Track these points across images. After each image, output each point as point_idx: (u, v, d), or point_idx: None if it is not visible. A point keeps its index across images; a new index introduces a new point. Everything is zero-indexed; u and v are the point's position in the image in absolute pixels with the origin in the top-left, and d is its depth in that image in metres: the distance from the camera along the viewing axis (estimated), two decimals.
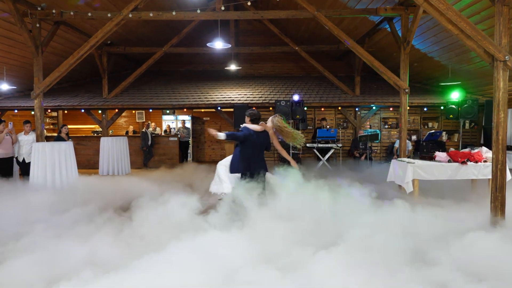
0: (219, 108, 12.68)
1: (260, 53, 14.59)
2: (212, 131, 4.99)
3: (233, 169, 5.31)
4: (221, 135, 4.96)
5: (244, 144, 5.21)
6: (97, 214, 5.24)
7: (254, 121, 5.40)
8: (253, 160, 5.24)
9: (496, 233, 4.35)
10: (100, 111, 12.83)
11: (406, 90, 8.52)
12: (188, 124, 15.61)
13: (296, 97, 11.50)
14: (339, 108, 13.19)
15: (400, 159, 7.69)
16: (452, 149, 8.52)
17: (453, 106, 11.09)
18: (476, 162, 7.10)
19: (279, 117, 5.45)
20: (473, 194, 6.67)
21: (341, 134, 13.38)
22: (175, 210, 4.78)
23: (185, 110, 13.92)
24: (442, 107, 12.55)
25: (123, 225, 4.79)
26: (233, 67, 12.80)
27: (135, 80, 13.16)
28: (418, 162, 7.23)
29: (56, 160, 7.80)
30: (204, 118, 16.66)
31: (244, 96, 13.00)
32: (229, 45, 9.60)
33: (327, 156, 11.81)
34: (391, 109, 13.32)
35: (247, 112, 5.55)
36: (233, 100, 12.61)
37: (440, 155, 7.34)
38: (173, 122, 16.74)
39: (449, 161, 7.12)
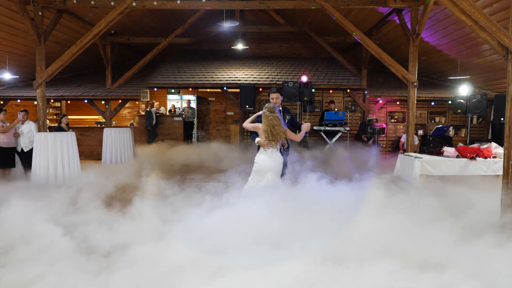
0: (225, 88, 12.53)
1: (268, 33, 14.14)
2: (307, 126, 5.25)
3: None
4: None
5: None
6: None
7: None
8: None
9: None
10: (103, 102, 12.73)
11: (415, 84, 8.35)
12: (193, 104, 15.39)
13: (304, 78, 11.27)
14: (348, 90, 12.92)
15: (407, 153, 7.55)
16: (460, 144, 8.38)
17: (461, 101, 10.89)
18: (485, 157, 6.95)
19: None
20: (483, 191, 6.50)
21: (349, 118, 13.15)
22: None
23: (190, 89, 13.73)
24: (450, 102, 12.36)
25: None
26: (240, 46, 12.51)
27: (138, 70, 13.03)
28: (426, 157, 7.09)
29: (58, 150, 7.71)
30: (210, 98, 16.40)
31: (251, 76, 12.81)
32: (237, 23, 9.40)
33: (334, 139, 11.63)
34: (397, 103, 13.13)
35: (281, 90, 5.63)
36: (239, 80, 12.44)
37: (448, 150, 7.20)
38: (178, 101, 16.54)
39: (457, 157, 6.98)
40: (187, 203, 5.05)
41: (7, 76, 10.46)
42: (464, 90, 11.16)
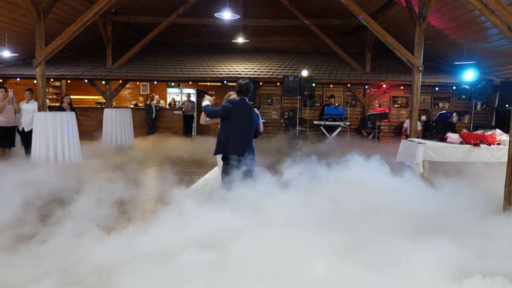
0: (225, 82, 12.42)
1: (269, 26, 14.13)
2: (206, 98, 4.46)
3: (216, 150, 4.51)
4: (204, 103, 4.39)
5: (227, 121, 4.43)
6: None
7: (239, 93, 4.51)
8: (233, 141, 4.40)
9: None
10: (103, 82, 12.60)
11: (420, 68, 8.23)
12: (193, 98, 15.37)
13: (304, 73, 11.20)
14: (348, 85, 12.89)
15: (410, 139, 7.48)
16: (464, 130, 8.29)
17: (466, 87, 10.77)
18: (489, 144, 6.87)
19: None
20: (486, 178, 6.46)
21: (349, 112, 13.10)
22: None
23: (190, 83, 13.67)
24: (454, 87, 12.21)
25: None
26: (240, 40, 12.45)
27: (140, 50, 12.85)
28: (429, 143, 7.02)
29: (58, 130, 7.64)
30: (210, 92, 16.38)
31: (251, 70, 12.69)
32: (238, 16, 9.26)
33: (334, 134, 11.60)
34: (401, 87, 13.00)
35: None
36: (239, 74, 12.32)
37: (452, 136, 7.13)
38: (178, 95, 16.50)
39: (461, 143, 6.90)
40: None
41: (6, 53, 10.31)
42: (469, 75, 11.00)
